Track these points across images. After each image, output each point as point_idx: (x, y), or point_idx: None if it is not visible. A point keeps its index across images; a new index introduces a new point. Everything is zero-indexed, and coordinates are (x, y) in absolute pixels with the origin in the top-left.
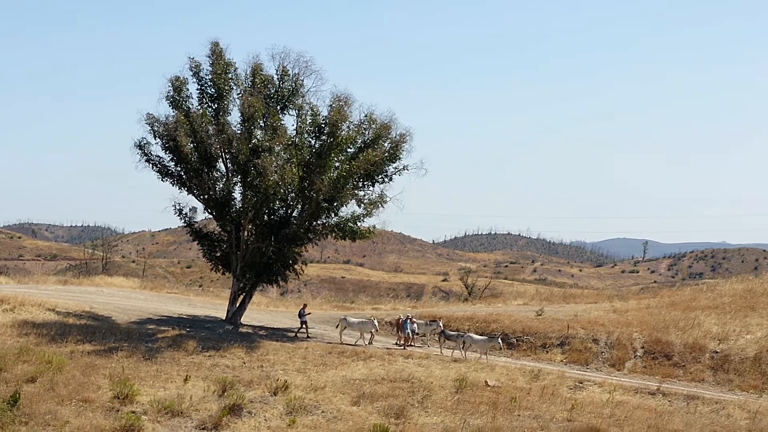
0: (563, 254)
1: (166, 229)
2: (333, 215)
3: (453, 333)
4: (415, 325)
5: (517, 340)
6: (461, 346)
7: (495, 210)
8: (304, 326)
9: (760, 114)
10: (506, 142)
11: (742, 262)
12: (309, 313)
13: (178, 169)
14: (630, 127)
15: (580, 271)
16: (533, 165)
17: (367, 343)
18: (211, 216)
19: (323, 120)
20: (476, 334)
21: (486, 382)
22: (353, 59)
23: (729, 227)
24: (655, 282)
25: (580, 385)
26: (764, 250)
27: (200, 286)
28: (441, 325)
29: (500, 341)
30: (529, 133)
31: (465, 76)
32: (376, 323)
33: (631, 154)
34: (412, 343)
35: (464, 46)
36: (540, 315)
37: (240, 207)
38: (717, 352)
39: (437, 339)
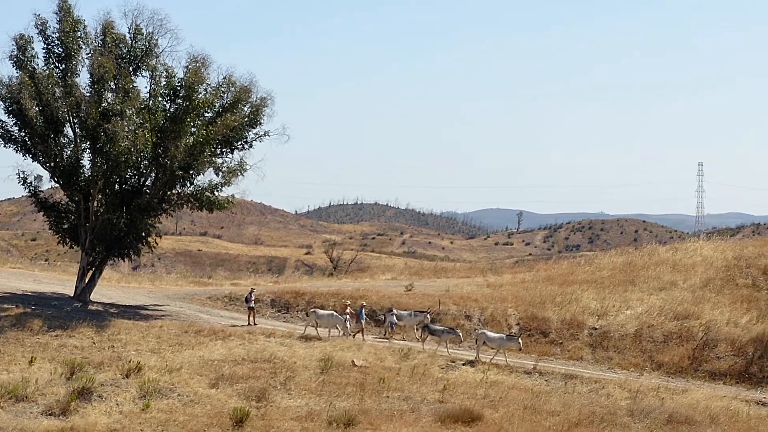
0: (434, 225)
1: (9, 199)
2: (189, 184)
3: (438, 328)
4: (394, 317)
5: (384, 317)
6: (476, 343)
7: (361, 179)
8: (251, 312)
9: (643, 84)
10: (370, 105)
11: (621, 233)
12: (257, 299)
13: (22, 134)
14: (496, 90)
15: (452, 243)
16: (401, 130)
17: (342, 335)
18: (57, 185)
19: (179, 82)
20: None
21: (353, 362)
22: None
23: (607, 197)
24: (530, 255)
25: (453, 364)
26: (644, 221)
27: (46, 260)
28: (429, 317)
29: (519, 341)
30: (394, 95)
31: (324, 37)
32: (348, 318)
33: (500, 118)
34: (389, 336)
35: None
36: (410, 290)
37: (89, 175)
38: (596, 329)
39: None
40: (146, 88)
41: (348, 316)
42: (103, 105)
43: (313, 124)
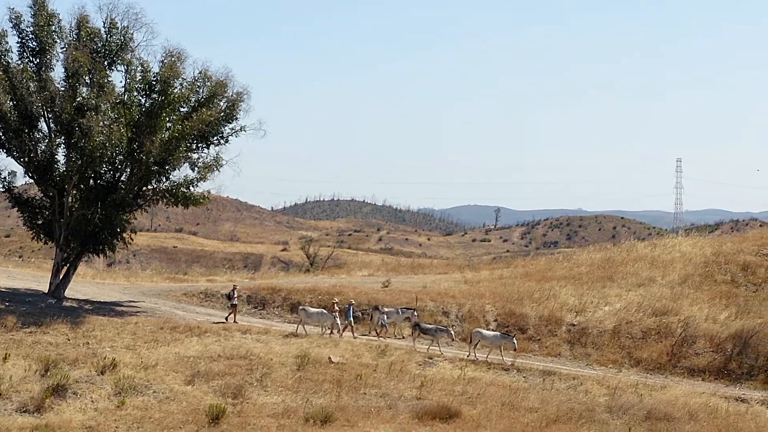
0: (411, 222)
1: None
2: (164, 179)
3: (430, 326)
4: (385, 316)
5: (362, 314)
6: (471, 342)
7: (338, 175)
8: (234, 310)
9: (622, 82)
10: (348, 102)
11: (600, 230)
12: (238, 296)
13: None
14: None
15: (429, 239)
16: (379, 127)
17: (328, 333)
18: (32, 180)
19: (154, 77)
20: (387, 311)
21: (330, 358)
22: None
23: (585, 194)
24: (508, 251)
25: (430, 360)
26: (622, 218)
27: (20, 256)
28: (417, 315)
29: (515, 342)
30: (374, 92)
31: (305, 34)
32: (336, 316)
33: (478, 115)
34: (381, 335)
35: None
36: (387, 286)
37: (64, 170)
38: (574, 325)
39: (411, 329)
40: (121, 82)
41: (336, 314)
42: (77, 99)
43: (289, 119)
